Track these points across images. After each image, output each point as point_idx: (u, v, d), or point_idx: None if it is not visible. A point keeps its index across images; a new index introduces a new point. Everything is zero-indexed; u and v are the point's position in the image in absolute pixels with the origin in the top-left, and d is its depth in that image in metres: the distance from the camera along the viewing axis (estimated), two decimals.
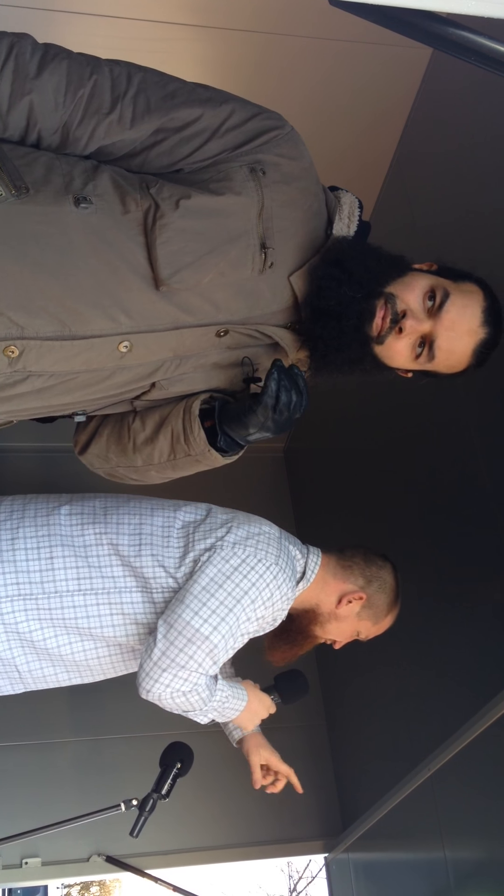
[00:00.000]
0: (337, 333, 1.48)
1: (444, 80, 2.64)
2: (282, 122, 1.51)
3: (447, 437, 2.60)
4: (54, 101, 1.36)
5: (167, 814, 2.31)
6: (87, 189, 1.38)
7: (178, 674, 1.68)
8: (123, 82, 1.41)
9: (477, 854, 2.39)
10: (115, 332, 1.41)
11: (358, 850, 3.21)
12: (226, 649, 1.73)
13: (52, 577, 1.75)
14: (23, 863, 3.11)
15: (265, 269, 1.47)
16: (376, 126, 2.83)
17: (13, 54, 1.34)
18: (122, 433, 1.67)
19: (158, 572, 1.78)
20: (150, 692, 1.71)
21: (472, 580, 2.50)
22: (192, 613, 1.70)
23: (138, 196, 1.41)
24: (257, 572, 1.75)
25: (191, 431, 1.56)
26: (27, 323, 1.35)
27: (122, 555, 1.79)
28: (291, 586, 1.85)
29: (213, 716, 1.86)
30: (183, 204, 1.39)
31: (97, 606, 1.77)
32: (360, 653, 3.24)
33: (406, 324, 1.47)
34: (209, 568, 1.75)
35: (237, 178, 1.44)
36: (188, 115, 1.42)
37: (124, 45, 1.49)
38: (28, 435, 3.68)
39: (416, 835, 2.71)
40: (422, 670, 2.79)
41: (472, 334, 1.51)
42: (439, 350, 1.50)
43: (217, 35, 2.55)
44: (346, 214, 1.57)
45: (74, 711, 3.41)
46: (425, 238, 2.70)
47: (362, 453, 3.33)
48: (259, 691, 2.03)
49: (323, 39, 2.57)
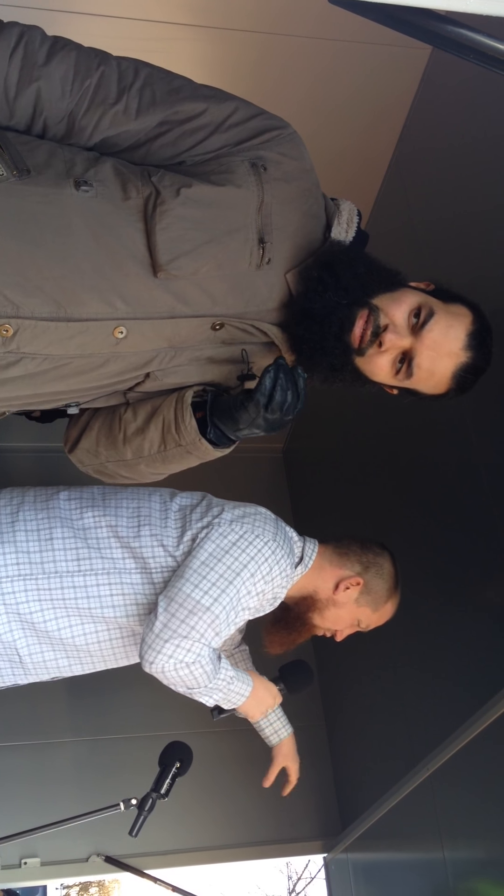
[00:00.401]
0: (319, 338, 1.48)
1: (442, 80, 2.64)
2: (285, 123, 1.52)
3: (446, 437, 2.60)
4: (61, 89, 1.38)
5: (166, 814, 2.31)
6: (89, 174, 1.40)
7: (181, 644, 1.68)
8: (130, 75, 1.43)
9: (476, 854, 2.40)
10: (111, 317, 1.41)
11: (357, 850, 3.21)
12: (227, 622, 1.74)
13: (52, 558, 1.77)
14: (22, 863, 3.11)
15: (262, 265, 1.47)
16: (375, 126, 2.83)
17: (23, 42, 1.36)
18: (112, 425, 1.65)
19: (158, 552, 1.81)
20: (154, 664, 1.70)
21: (471, 580, 2.51)
22: (193, 586, 1.71)
23: (139, 183, 1.42)
24: (255, 547, 1.78)
25: (182, 420, 1.55)
26: (22, 302, 1.35)
27: (120, 536, 1.81)
28: (290, 563, 1.87)
29: (218, 697, 1.86)
30: (184, 192, 1.40)
31: (97, 587, 1.78)
32: (359, 653, 3.25)
33: (386, 337, 1.46)
34: (207, 543, 1.78)
35: (238, 172, 1.45)
36: (192, 108, 1.44)
37: (124, 45, 1.50)
38: (27, 435, 3.69)
39: (415, 835, 2.71)
40: (420, 671, 2.79)
41: (452, 356, 1.50)
42: (418, 368, 1.49)
43: (216, 35, 2.55)
44: (344, 220, 1.58)
45: (74, 711, 3.41)
46: (423, 237, 2.70)
47: (361, 453, 3.33)
48: (266, 680, 2.03)
49: (322, 39, 2.58)
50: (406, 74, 2.70)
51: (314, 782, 3.50)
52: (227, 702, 1.89)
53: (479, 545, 2.43)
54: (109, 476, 1.74)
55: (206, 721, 3.35)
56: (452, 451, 2.58)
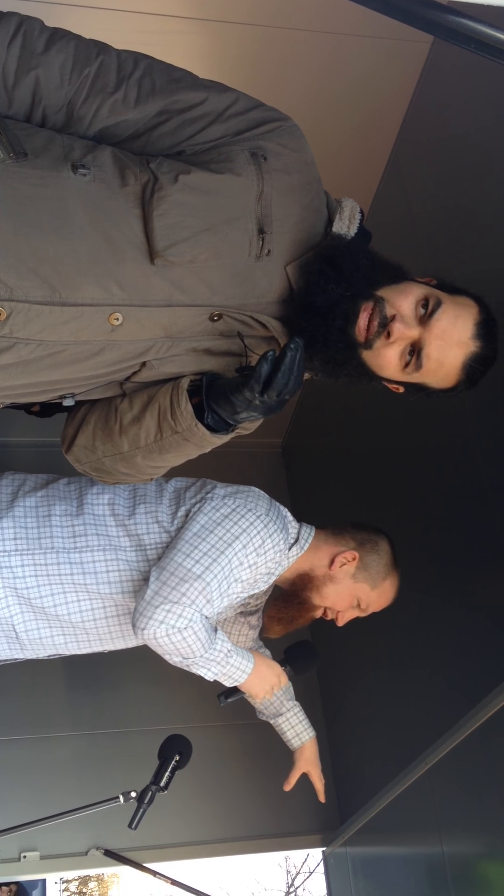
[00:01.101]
0: (322, 331, 1.46)
1: (442, 74, 2.63)
2: (286, 116, 1.52)
3: (444, 431, 2.60)
4: (60, 77, 1.38)
5: (165, 808, 2.32)
6: (87, 159, 1.39)
7: (172, 609, 1.70)
8: (130, 64, 1.43)
9: (474, 848, 2.40)
10: (107, 303, 1.40)
11: (356, 844, 3.22)
12: (220, 591, 1.76)
13: (49, 534, 1.81)
14: (21, 857, 3.11)
15: (262, 256, 1.46)
16: (375, 119, 2.82)
17: (22, 31, 1.36)
18: (109, 416, 1.63)
19: (153, 528, 1.85)
20: (146, 629, 1.71)
21: (470, 576, 2.51)
22: (184, 556, 1.75)
23: (138, 170, 1.41)
24: (248, 520, 1.82)
25: (178, 405, 1.52)
26: (16, 284, 1.33)
27: (116, 514, 1.86)
28: (284, 538, 1.90)
29: (216, 671, 1.86)
30: (182, 178, 1.39)
31: (93, 563, 1.82)
32: (357, 648, 3.25)
33: (394, 327, 1.44)
34: (200, 516, 1.82)
35: (238, 161, 1.44)
36: (192, 98, 1.43)
37: (122, 38, 1.50)
38: (26, 430, 3.69)
39: (413, 829, 2.71)
40: (418, 666, 2.80)
41: (462, 345, 1.48)
42: (427, 359, 1.47)
43: (215, 28, 2.55)
44: (346, 216, 1.56)
45: (73, 705, 3.42)
46: (423, 231, 2.70)
47: (360, 448, 3.33)
48: (269, 659, 2.03)
49: (321, 32, 2.57)
50: (406, 67, 2.69)
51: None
52: (227, 677, 1.88)
53: (478, 540, 2.43)
54: (107, 473, 1.71)
55: (205, 715, 3.38)
56: (452, 446, 2.58)
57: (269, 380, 1.39)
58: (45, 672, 3.36)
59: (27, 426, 3.22)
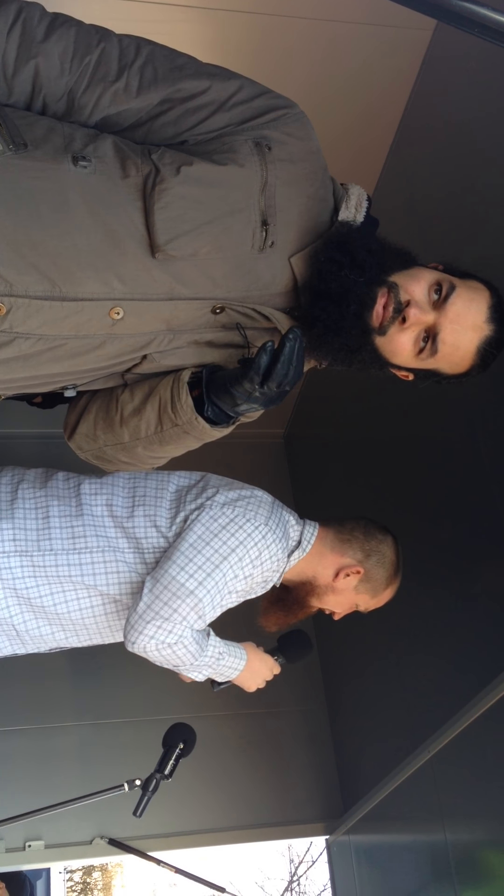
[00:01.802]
0: (337, 317, 1.44)
1: (444, 61, 2.62)
2: (291, 103, 1.49)
3: (447, 420, 2.60)
4: (60, 66, 1.35)
5: (169, 797, 2.33)
6: (88, 150, 1.36)
7: (162, 626, 1.71)
8: (132, 52, 1.40)
9: (477, 835, 2.41)
10: (108, 297, 1.38)
11: (359, 832, 3.23)
12: (212, 605, 1.76)
13: (48, 536, 1.80)
14: (26, 846, 3.13)
15: (265, 248, 1.44)
16: (377, 107, 2.82)
17: (21, 18, 1.33)
18: (110, 406, 1.62)
19: (150, 532, 1.83)
20: (135, 644, 1.73)
21: (472, 564, 2.51)
22: (179, 569, 1.74)
23: (139, 161, 1.39)
24: (245, 531, 1.79)
25: (178, 398, 1.51)
26: (16, 279, 1.32)
27: (115, 515, 1.85)
28: (283, 547, 1.87)
29: (207, 672, 1.88)
30: (184, 170, 1.37)
31: (92, 564, 1.81)
32: (360, 637, 3.25)
33: (410, 312, 1.43)
34: (197, 526, 1.79)
35: (241, 151, 1.41)
36: (195, 86, 1.41)
37: (124, 27, 1.48)
38: (28, 421, 3.69)
39: (416, 816, 2.72)
40: (421, 653, 2.80)
41: (477, 329, 1.47)
42: (443, 344, 1.46)
43: (216, 17, 2.54)
44: (353, 204, 1.54)
45: (77, 695, 3.43)
46: (425, 219, 2.69)
47: (362, 438, 3.33)
48: (261, 651, 2.02)
49: (323, 21, 2.56)
50: (408, 55, 2.68)
51: (316, 765, 3.52)
52: (219, 675, 1.90)
53: (481, 529, 2.44)
54: (109, 461, 1.70)
55: (209, 704, 3.39)
56: (454, 436, 2.58)
57: (268, 371, 1.38)
58: (48, 663, 3.37)
59: (29, 418, 3.22)
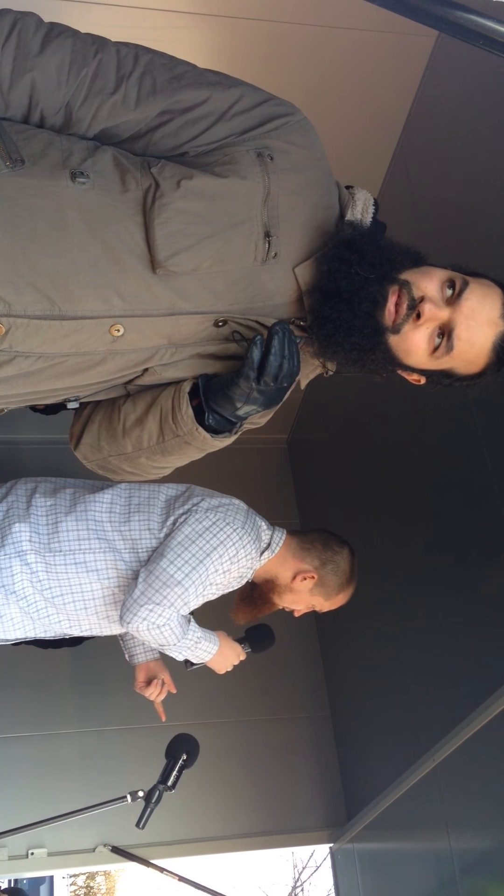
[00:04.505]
0: (348, 316, 1.40)
1: (447, 67, 2.62)
2: (294, 109, 1.46)
3: (450, 424, 2.59)
4: (57, 79, 1.33)
5: (172, 804, 2.32)
6: (86, 164, 1.34)
7: (154, 609, 1.98)
8: (130, 62, 1.37)
9: (482, 843, 2.40)
10: (107, 315, 1.36)
11: (363, 840, 3.22)
12: (196, 594, 2.04)
13: (57, 539, 2.09)
14: (29, 853, 3.12)
15: (268, 259, 1.41)
16: (380, 113, 2.81)
17: (16, 31, 1.31)
18: (112, 416, 1.60)
19: (145, 534, 2.12)
20: (130, 623, 1.99)
21: (479, 572, 2.50)
22: (168, 562, 2.02)
23: (139, 175, 1.36)
24: (225, 533, 2.08)
25: (178, 409, 1.49)
26: (14, 299, 1.30)
27: (113, 521, 2.14)
28: (256, 547, 2.16)
29: (187, 654, 2.14)
30: (184, 184, 1.34)
31: (95, 563, 2.09)
32: (364, 644, 3.25)
33: (424, 308, 1.39)
34: (185, 527, 2.08)
35: (243, 162, 1.38)
36: (195, 97, 1.38)
37: (124, 34, 1.48)
38: (33, 427, 3.68)
39: (421, 825, 2.71)
40: (427, 660, 2.79)
41: (492, 325, 1.44)
42: (458, 340, 1.42)
43: (218, 23, 2.53)
44: (359, 209, 1.51)
45: (80, 702, 3.42)
46: (429, 224, 2.68)
47: (365, 443, 3.32)
48: (232, 640, 2.29)
49: (326, 27, 2.56)
50: (411, 60, 2.68)
51: (320, 772, 3.51)
52: (195, 657, 2.17)
53: (485, 533, 2.43)
54: (113, 472, 1.69)
55: (212, 712, 3.38)
56: (457, 440, 2.58)
57: (262, 365, 1.37)
58: (51, 669, 3.36)
59: (33, 424, 3.22)
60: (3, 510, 2.13)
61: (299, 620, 2.40)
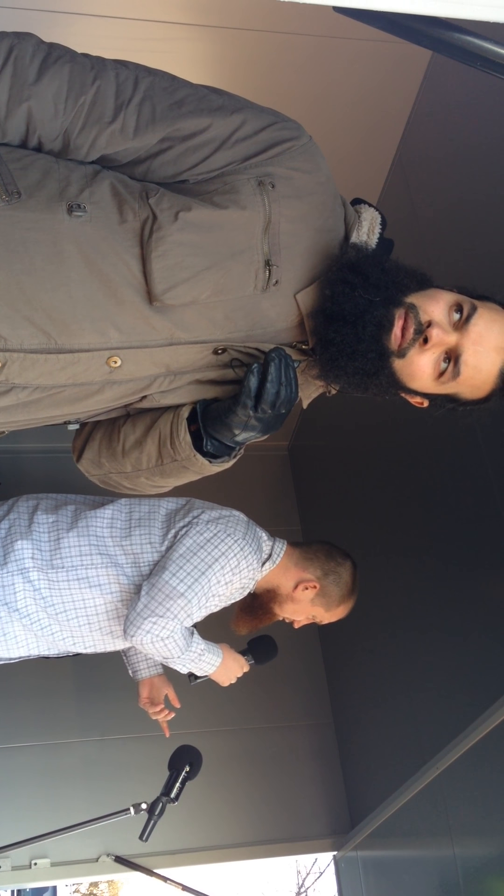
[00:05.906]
0: (353, 340, 1.38)
1: (445, 77, 2.63)
2: (298, 132, 1.42)
3: (451, 432, 2.60)
4: (54, 108, 1.31)
5: (176, 813, 2.32)
6: (83, 196, 1.33)
7: (157, 622, 1.97)
8: (129, 88, 1.34)
9: (486, 851, 2.39)
10: (104, 347, 1.35)
11: (367, 848, 3.21)
12: (199, 605, 2.03)
13: (59, 556, 2.10)
14: (32, 864, 3.11)
15: (269, 287, 1.39)
16: (378, 123, 2.82)
17: (12, 58, 1.29)
18: (112, 436, 1.60)
19: (146, 548, 2.12)
20: (135, 636, 1.99)
21: (482, 579, 2.50)
22: (171, 575, 2.02)
23: (136, 206, 1.34)
24: (226, 544, 2.08)
25: (176, 435, 1.48)
26: (10, 334, 1.30)
27: (114, 536, 2.14)
28: (257, 558, 2.17)
29: (191, 666, 2.13)
30: (182, 216, 1.32)
31: (97, 577, 2.09)
32: (368, 651, 3.24)
33: (432, 332, 1.36)
34: (186, 539, 2.09)
35: (244, 192, 1.36)
36: (196, 124, 1.35)
37: (126, 46, 1.48)
38: (36, 436, 3.68)
39: (425, 833, 2.71)
40: (430, 668, 2.79)
41: (499, 351, 1.41)
42: (465, 365, 1.39)
43: (217, 34, 2.54)
44: (364, 231, 1.49)
45: (82, 711, 3.42)
46: (428, 236, 2.69)
47: (366, 450, 3.33)
48: (235, 652, 2.29)
49: (323, 37, 2.57)
50: (409, 71, 2.69)
51: (323, 780, 3.51)
52: (199, 670, 2.16)
53: (488, 542, 2.43)
54: (114, 487, 1.69)
55: (214, 721, 3.37)
56: (458, 447, 2.58)
57: (259, 393, 1.36)
58: (54, 678, 3.36)
59: (35, 433, 3.22)
60: (6, 528, 2.14)
61: (302, 630, 2.40)
